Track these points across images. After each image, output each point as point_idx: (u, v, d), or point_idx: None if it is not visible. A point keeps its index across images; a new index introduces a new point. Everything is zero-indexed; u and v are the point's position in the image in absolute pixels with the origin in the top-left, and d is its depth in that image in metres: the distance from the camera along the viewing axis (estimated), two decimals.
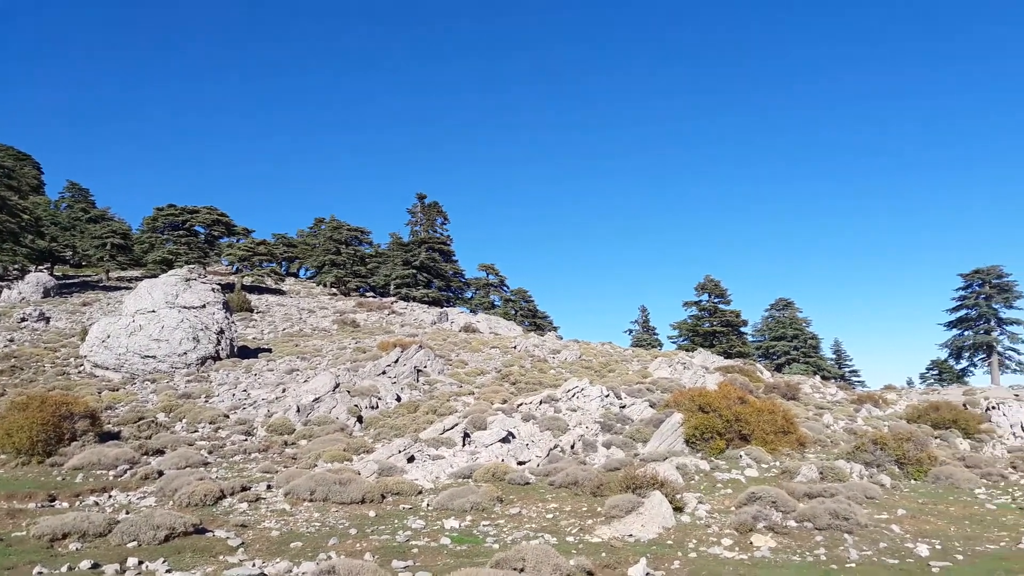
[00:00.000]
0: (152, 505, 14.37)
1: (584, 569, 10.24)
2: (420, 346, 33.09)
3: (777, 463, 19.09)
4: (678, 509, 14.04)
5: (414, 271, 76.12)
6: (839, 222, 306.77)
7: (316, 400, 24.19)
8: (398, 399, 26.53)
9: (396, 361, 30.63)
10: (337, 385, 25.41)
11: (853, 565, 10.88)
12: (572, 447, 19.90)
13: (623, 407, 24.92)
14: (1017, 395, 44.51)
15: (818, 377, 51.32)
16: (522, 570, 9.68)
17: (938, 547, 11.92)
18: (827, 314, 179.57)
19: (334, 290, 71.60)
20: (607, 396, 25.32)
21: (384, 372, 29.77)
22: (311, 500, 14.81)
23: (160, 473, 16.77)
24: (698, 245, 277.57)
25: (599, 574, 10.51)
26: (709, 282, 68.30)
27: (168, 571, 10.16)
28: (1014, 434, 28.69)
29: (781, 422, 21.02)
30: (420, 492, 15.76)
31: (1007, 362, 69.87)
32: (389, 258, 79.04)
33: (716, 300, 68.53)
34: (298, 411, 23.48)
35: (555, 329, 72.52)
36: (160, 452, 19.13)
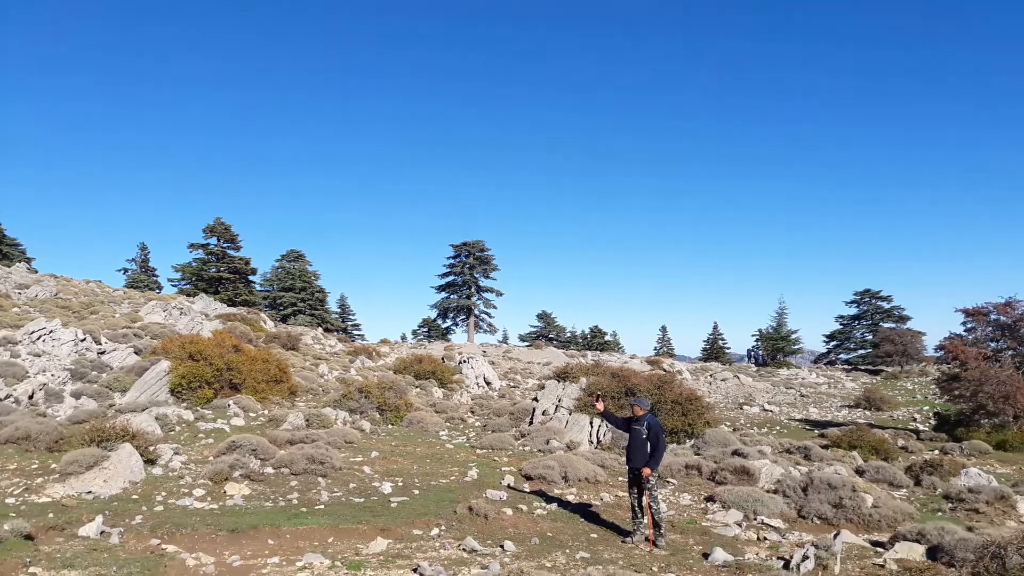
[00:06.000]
0: None
1: (21, 533, 8.79)
2: None
3: (266, 412, 19.07)
4: (151, 462, 13.02)
5: None
6: (357, 185, 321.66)
7: None
8: None
9: None
10: None
11: (322, 506, 11.28)
12: (31, 397, 17.21)
13: (102, 353, 22.40)
14: (485, 351, 52.08)
15: (321, 329, 53.22)
16: None
17: (400, 484, 13.05)
18: (336, 270, 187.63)
19: None
20: (83, 340, 22.48)
21: None
22: None
23: None
24: (210, 189, 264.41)
25: (42, 537, 9.13)
26: (219, 225, 65.48)
27: None
28: (477, 384, 33.39)
29: (275, 371, 21.07)
30: None
31: (481, 323, 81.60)
32: None
33: (226, 245, 66.05)
34: None
35: (28, 261, 62.26)
36: None
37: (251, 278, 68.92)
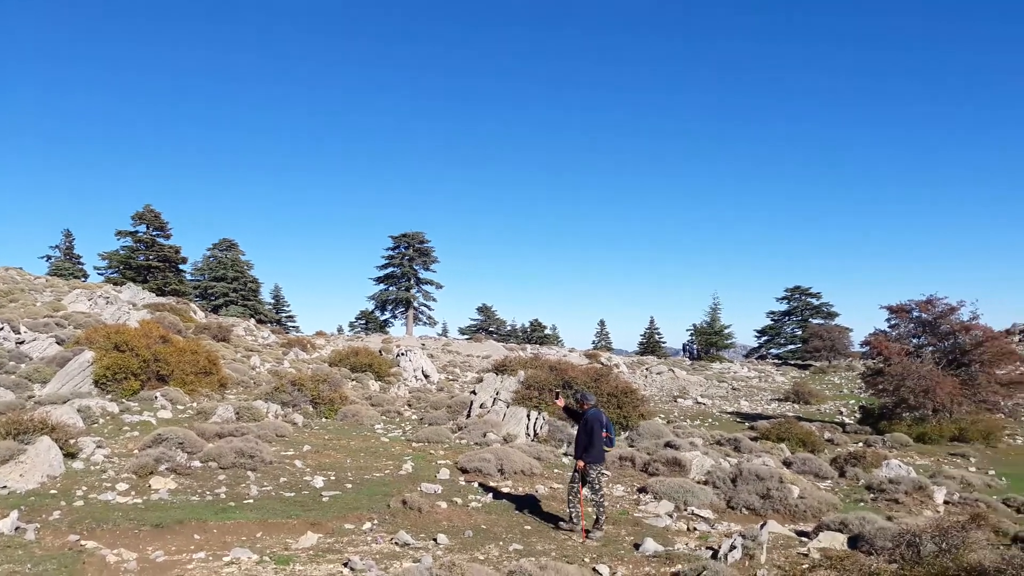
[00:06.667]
0: None
1: None
2: None
3: (195, 404, 18.56)
4: (71, 455, 12.53)
5: None
6: (293, 174, 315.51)
7: None
8: None
9: None
10: None
11: (251, 501, 11.02)
12: None
13: (22, 343, 21.50)
14: (423, 344, 51.82)
15: (253, 320, 52.15)
16: None
17: (333, 478, 12.85)
18: (271, 260, 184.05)
19: None
20: (1, 329, 21.53)
21: None
22: None
23: None
24: (139, 175, 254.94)
25: None
26: (148, 212, 63.45)
27: None
28: (415, 377, 33.17)
29: (204, 363, 20.51)
30: None
31: (420, 316, 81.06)
32: None
33: (155, 233, 64.05)
34: None
35: None
36: None
37: (181, 267, 67.09)
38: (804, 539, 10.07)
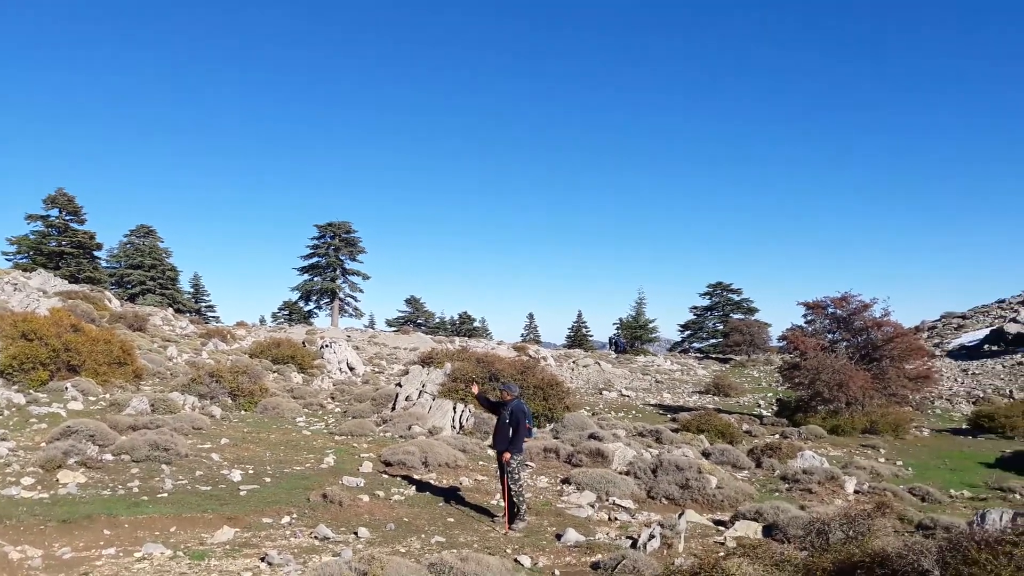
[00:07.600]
0: None
1: None
2: None
3: (108, 395, 17.89)
4: None
5: None
6: (213, 161, 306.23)
7: None
8: None
9: None
10: None
11: (165, 495, 10.68)
12: None
13: None
14: (349, 336, 51.09)
15: (172, 310, 50.56)
16: None
17: (251, 472, 12.56)
18: (190, 248, 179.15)
19: None
20: None
21: None
22: None
23: None
24: (51, 156, 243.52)
25: None
26: (62, 196, 60.57)
27: None
28: (340, 369, 32.69)
29: (118, 353, 19.79)
30: None
31: (346, 307, 79.75)
32: None
33: (68, 218, 61.20)
34: None
35: None
36: None
37: (96, 254, 64.34)
38: (721, 528, 10.35)
